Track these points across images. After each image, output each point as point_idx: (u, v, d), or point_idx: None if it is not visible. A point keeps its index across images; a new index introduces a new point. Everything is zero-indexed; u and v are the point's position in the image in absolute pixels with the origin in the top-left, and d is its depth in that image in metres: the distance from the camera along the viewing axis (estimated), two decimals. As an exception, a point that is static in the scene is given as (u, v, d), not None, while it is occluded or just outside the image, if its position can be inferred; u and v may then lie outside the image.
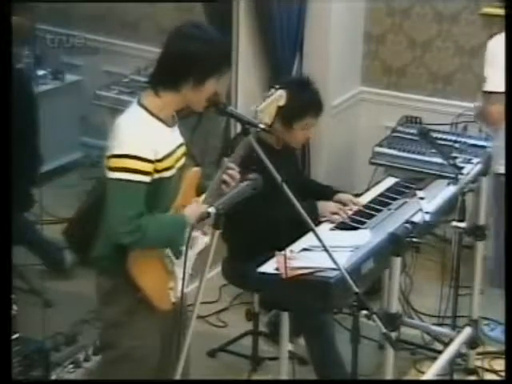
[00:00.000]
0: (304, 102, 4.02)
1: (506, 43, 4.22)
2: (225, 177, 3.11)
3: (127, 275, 3.07)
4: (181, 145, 3.20)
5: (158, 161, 3.03)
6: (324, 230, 3.71)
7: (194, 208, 3.09)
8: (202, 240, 3.17)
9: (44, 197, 4.11)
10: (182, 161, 3.20)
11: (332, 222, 3.83)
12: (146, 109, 3.06)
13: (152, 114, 3.06)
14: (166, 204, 3.13)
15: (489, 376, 4.40)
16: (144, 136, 3.00)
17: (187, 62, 3.02)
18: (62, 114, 5.48)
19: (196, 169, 3.27)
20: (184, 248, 3.02)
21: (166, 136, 3.10)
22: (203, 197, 3.16)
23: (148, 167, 3.00)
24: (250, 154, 3.12)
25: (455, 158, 4.31)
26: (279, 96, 3.18)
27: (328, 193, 4.15)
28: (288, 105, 3.22)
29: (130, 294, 3.11)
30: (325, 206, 3.93)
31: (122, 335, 3.17)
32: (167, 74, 3.05)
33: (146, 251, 3.08)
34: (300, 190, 3.45)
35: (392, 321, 3.54)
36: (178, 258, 3.12)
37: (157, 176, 3.04)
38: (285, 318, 3.49)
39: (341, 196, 4.08)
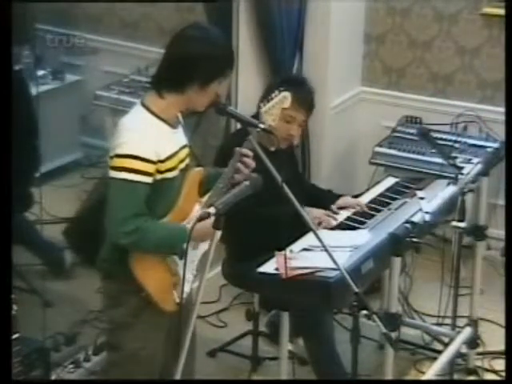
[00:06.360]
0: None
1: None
2: (239, 165, 3.09)
3: (131, 277, 3.06)
4: (184, 146, 3.19)
5: (161, 161, 3.02)
6: (323, 230, 3.70)
7: (206, 226, 2.91)
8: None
9: (44, 197, 4.11)
10: (186, 162, 3.19)
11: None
12: (148, 110, 3.06)
13: (155, 115, 3.06)
14: (168, 205, 3.11)
15: (489, 376, 4.40)
16: (146, 136, 3.00)
17: (192, 65, 3.01)
18: (62, 114, 5.48)
19: (198, 169, 3.26)
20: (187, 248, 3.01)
21: (169, 137, 3.09)
22: (206, 197, 3.15)
23: (149, 168, 2.99)
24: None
25: (455, 157, 4.31)
26: (283, 97, 3.18)
27: (330, 197, 4.11)
28: None
29: (134, 296, 3.10)
30: (311, 213, 3.90)
31: (127, 337, 3.17)
32: (172, 76, 3.04)
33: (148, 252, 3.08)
34: (298, 194, 3.43)
35: (392, 321, 3.54)
36: (181, 258, 3.10)
37: (159, 177, 3.04)
38: (285, 318, 3.48)
39: (345, 200, 4.06)
